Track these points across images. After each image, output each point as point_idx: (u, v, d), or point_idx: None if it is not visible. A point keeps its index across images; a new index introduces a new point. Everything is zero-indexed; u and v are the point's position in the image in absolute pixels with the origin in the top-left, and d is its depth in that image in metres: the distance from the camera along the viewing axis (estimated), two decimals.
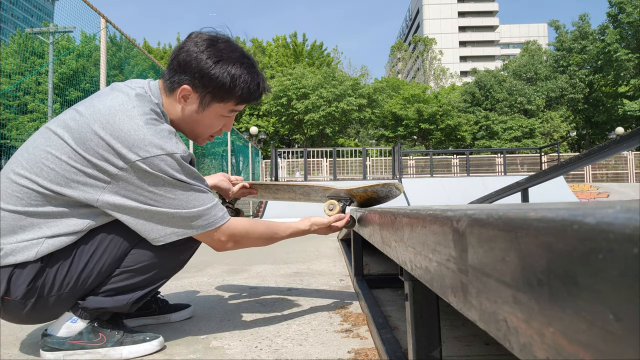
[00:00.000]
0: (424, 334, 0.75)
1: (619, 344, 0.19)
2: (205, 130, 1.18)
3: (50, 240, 0.99)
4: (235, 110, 1.17)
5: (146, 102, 1.05)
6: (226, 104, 1.13)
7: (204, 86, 1.09)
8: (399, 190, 1.47)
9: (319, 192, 1.49)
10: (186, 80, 1.09)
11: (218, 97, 1.11)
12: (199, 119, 1.14)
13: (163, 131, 1.01)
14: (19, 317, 1.05)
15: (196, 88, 1.10)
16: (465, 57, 62.93)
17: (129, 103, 1.02)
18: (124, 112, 1.00)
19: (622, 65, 24.23)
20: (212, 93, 1.10)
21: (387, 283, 1.85)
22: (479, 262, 0.35)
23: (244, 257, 3.08)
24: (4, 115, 9.13)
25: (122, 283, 1.07)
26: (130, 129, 0.98)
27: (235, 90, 1.11)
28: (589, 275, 0.21)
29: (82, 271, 1.02)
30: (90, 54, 7.87)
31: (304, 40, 29.74)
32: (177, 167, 1.00)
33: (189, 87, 1.09)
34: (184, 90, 1.10)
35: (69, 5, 5.60)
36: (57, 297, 1.02)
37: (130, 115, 0.99)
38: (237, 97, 1.13)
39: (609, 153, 2.25)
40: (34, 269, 0.99)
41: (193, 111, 1.13)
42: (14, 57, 10.45)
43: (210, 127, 1.18)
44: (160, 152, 0.98)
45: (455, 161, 18.15)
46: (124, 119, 0.98)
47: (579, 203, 0.39)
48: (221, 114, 1.16)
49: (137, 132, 0.98)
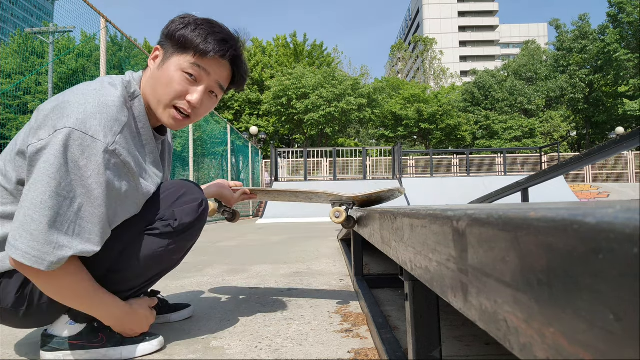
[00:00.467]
0: (424, 334, 0.75)
1: (619, 344, 0.19)
2: (165, 89, 1.05)
3: None
4: (197, 64, 1.05)
5: (115, 81, 1.03)
6: (185, 55, 1.05)
7: (169, 40, 1.07)
8: (400, 193, 1.48)
9: (322, 197, 1.50)
10: (158, 43, 1.09)
11: (176, 47, 1.06)
12: (159, 74, 1.06)
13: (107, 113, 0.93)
14: (16, 323, 1.06)
15: (163, 46, 1.08)
16: (465, 57, 62.93)
17: (94, 84, 1.00)
18: (80, 89, 0.97)
19: (622, 65, 24.24)
20: (171, 43, 1.07)
21: (387, 283, 1.85)
22: (479, 262, 0.35)
23: (244, 257, 3.08)
24: (4, 115, 9.13)
25: (111, 287, 1.05)
26: (75, 104, 0.92)
27: (191, 37, 1.04)
28: (589, 275, 0.21)
29: None
30: (91, 53, 7.87)
31: (305, 40, 29.75)
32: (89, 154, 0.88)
33: (158, 46, 1.09)
34: (155, 50, 1.09)
35: (69, 5, 5.60)
36: (49, 303, 1.01)
37: (84, 93, 0.95)
38: (194, 45, 1.04)
39: (609, 153, 2.25)
40: (21, 277, 0.98)
41: (156, 67, 1.08)
42: (14, 56, 10.45)
43: (170, 84, 1.05)
44: (84, 129, 0.89)
45: (455, 161, 18.15)
46: (78, 97, 0.94)
47: (579, 203, 0.39)
48: (182, 68, 1.05)
49: (79, 107, 0.91)
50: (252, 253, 3.30)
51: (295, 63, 27.98)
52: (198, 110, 1.10)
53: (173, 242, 1.10)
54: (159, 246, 1.08)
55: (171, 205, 1.10)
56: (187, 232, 1.12)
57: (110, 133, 0.92)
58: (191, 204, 1.12)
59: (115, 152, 0.93)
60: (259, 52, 28.09)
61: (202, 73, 1.06)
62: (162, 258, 1.10)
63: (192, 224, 1.12)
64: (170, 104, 1.07)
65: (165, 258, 1.11)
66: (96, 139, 0.90)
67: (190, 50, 1.05)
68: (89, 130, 0.89)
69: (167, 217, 1.09)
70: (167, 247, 1.09)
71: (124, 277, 1.07)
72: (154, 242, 1.08)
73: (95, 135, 0.90)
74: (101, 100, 0.95)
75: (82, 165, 0.89)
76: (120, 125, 0.95)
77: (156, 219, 1.08)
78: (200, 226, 1.17)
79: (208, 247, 3.81)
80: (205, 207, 1.16)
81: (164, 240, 1.09)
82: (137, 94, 1.06)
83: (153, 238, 1.08)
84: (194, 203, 1.12)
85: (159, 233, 1.08)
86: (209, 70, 1.07)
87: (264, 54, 28.43)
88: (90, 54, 7.87)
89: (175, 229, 1.09)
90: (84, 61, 8.33)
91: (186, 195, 1.12)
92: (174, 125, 1.10)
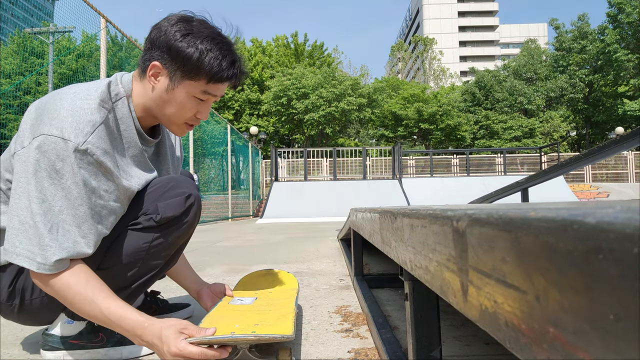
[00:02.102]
0: (424, 334, 0.75)
1: (619, 344, 0.19)
2: (177, 113, 1.07)
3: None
4: (208, 92, 1.06)
5: (91, 86, 1.02)
6: (197, 81, 1.04)
7: (172, 60, 1.02)
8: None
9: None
10: (156, 55, 1.03)
11: (188, 73, 1.03)
12: (169, 98, 1.05)
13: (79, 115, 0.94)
14: (15, 318, 1.07)
15: (165, 63, 1.03)
16: (465, 57, 62.95)
17: (68, 89, 1.00)
18: (57, 93, 0.98)
19: (621, 66, 24.24)
20: (181, 69, 1.03)
21: (387, 283, 1.85)
22: (479, 261, 0.35)
23: (244, 257, 3.08)
24: (4, 115, 9.13)
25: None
26: (50, 109, 0.94)
27: (204, 65, 1.02)
28: (589, 275, 0.21)
29: None
30: (91, 53, 7.87)
31: (305, 40, 29.76)
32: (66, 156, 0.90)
33: (158, 63, 1.03)
34: (154, 67, 1.04)
35: (69, 5, 5.60)
36: (41, 299, 1.01)
37: (60, 97, 0.96)
38: (207, 74, 1.03)
39: (609, 153, 2.25)
40: (13, 271, 1.00)
41: (163, 90, 1.05)
42: (14, 57, 10.45)
43: (182, 109, 1.07)
44: (56, 133, 0.90)
45: (455, 161, 18.16)
46: (55, 101, 0.96)
47: (579, 203, 0.39)
48: (193, 95, 1.05)
49: (52, 113, 0.93)
50: (252, 253, 3.30)
51: (296, 63, 27.99)
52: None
53: (158, 237, 1.07)
54: (144, 241, 1.06)
55: (156, 199, 1.07)
56: (172, 227, 1.09)
57: (82, 133, 0.93)
58: (176, 198, 1.09)
59: (87, 151, 0.93)
60: (259, 52, 28.10)
61: (211, 96, 1.08)
62: (149, 254, 1.07)
63: (177, 217, 1.09)
64: (182, 123, 1.11)
65: (153, 254, 1.08)
66: (67, 139, 0.91)
67: (202, 77, 1.04)
68: (61, 133, 0.91)
69: (150, 211, 1.06)
70: (151, 242, 1.07)
71: (113, 274, 1.04)
72: (139, 236, 1.06)
73: (66, 137, 0.91)
74: (75, 103, 0.96)
75: (59, 168, 0.90)
76: (94, 126, 0.95)
77: (139, 214, 1.06)
78: (189, 221, 1.12)
79: (208, 247, 3.81)
80: (194, 202, 1.11)
81: (147, 234, 1.06)
82: (120, 96, 1.05)
83: (137, 233, 1.06)
84: (180, 197, 1.09)
85: (141, 227, 1.06)
86: (217, 93, 1.08)
87: (264, 54, 28.44)
88: (90, 54, 7.87)
89: (157, 222, 1.06)
90: (84, 61, 8.33)
91: (173, 189, 1.10)
92: (181, 134, 1.17)
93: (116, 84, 1.06)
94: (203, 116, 1.11)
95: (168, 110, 1.07)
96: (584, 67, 27.10)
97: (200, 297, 1.34)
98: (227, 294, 1.34)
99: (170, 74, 1.03)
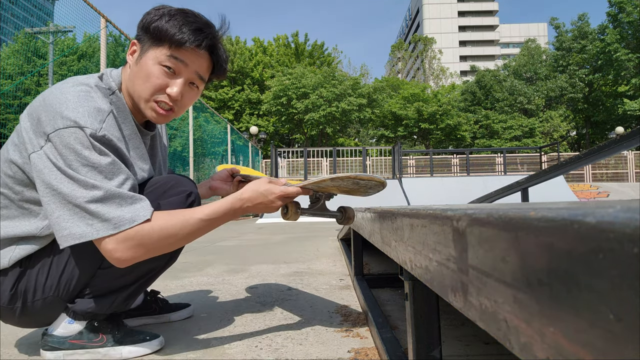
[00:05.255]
0: (424, 334, 0.75)
1: (619, 344, 0.19)
2: (144, 84, 1.04)
3: (20, 245, 1.00)
4: (174, 57, 1.03)
5: (88, 79, 1.02)
6: (161, 48, 1.03)
7: (144, 34, 1.04)
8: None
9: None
10: (135, 37, 1.06)
11: (152, 41, 1.03)
12: (138, 69, 1.04)
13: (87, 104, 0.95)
14: (15, 321, 1.07)
15: (140, 39, 1.05)
16: (465, 56, 62.92)
17: (66, 83, 1.00)
18: (57, 88, 0.97)
19: (621, 65, 24.22)
20: (148, 38, 1.04)
21: (387, 282, 1.85)
22: (479, 261, 0.35)
23: (244, 256, 3.08)
24: (4, 115, 9.13)
25: (105, 284, 1.05)
26: (56, 103, 0.94)
27: (165, 29, 1.02)
28: (589, 275, 0.21)
29: (62, 274, 1.02)
30: (93, 54, 7.87)
31: (306, 40, 29.76)
32: (87, 142, 0.91)
33: (135, 40, 1.06)
34: (132, 45, 1.06)
35: (69, 5, 5.60)
36: (43, 300, 1.02)
37: (62, 91, 0.96)
38: (169, 37, 1.02)
39: (609, 153, 2.25)
40: (15, 275, 1.00)
41: (134, 63, 1.06)
42: (15, 57, 10.45)
43: (149, 78, 1.03)
44: (71, 124, 0.91)
45: (455, 161, 18.15)
46: (56, 95, 0.95)
47: (579, 202, 0.39)
48: (159, 61, 1.03)
49: (59, 106, 0.93)
50: (252, 253, 3.30)
51: (296, 63, 27.98)
52: (180, 102, 1.09)
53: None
54: None
55: (157, 198, 1.07)
56: None
57: (96, 121, 0.94)
58: (178, 196, 1.08)
59: (105, 137, 0.94)
60: (260, 51, 28.11)
61: (180, 65, 1.04)
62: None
63: None
64: (150, 98, 1.05)
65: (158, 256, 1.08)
66: (84, 127, 0.91)
67: (165, 42, 1.02)
68: (77, 123, 0.91)
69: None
70: None
71: (114, 273, 1.05)
72: None
73: (82, 124, 0.91)
74: (80, 95, 0.96)
75: (87, 154, 0.91)
76: (104, 114, 0.97)
77: None
78: None
79: (208, 247, 3.81)
80: (194, 199, 1.12)
81: None
82: (113, 89, 1.05)
83: None
84: (181, 195, 1.09)
85: None
86: (186, 62, 1.05)
87: (265, 54, 28.44)
88: (92, 54, 7.86)
89: None
90: (85, 62, 8.33)
91: (174, 188, 1.10)
92: (158, 119, 1.09)
93: (107, 77, 1.06)
94: (173, 91, 1.04)
95: (137, 84, 1.05)
96: (584, 66, 27.09)
97: (215, 189, 1.36)
98: (235, 170, 1.38)
99: (141, 47, 1.05)
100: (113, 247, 0.92)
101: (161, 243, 0.96)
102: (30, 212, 1.00)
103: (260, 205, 1.05)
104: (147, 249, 0.95)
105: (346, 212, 1.22)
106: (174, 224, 0.97)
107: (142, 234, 0.93)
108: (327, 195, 1.19)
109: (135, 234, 0.93)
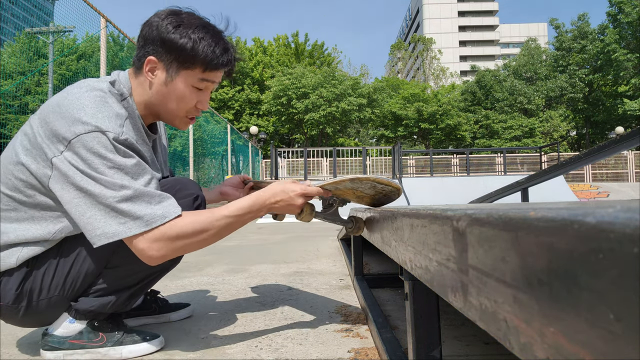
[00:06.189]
0: (424, 334, 0.75)
1: (619, 343, 0.19)
2: (178, 105, 1.09)
3: (28, 246, 1.00)
4: (206, 79, 1.08)
5: (101, 84, 1.03)
6: (193, 70, 1.06)
7: (167, 52, 1.04)
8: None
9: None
10: (150, 51, 1.05)
11: (183, 63, 1.05)
12: (168, 91, 1.07)
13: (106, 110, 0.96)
14: (17, 321, 1.07)
15: (160, 56, 1.05)
16: (465, 56, 62.91)
17: (79, 88, 1.00)
18: (71, 93, 0.98)
19: (621, 65, 24.21)
20: (177, 60, 1.04)
21: (387, 282, 1.85)
22: (479, 261, 0.35)
23: (244, 256, 3.08)
24: (4, 115, 9.13)
25: (109, 284, 1.06)
26: (73, 108, 0.94)
27: (199, 54, 1.04)
28: (589, 275, 0.21)
29: (68, 273, 1.02)
30: (93, 54, 7.87)
31: (306, 40, 29.75)
32: (110, 146, 0.92)
33: (154, 57, 1.05)
34: (150, 62, 1.05)
35: (69, 5, 5.60)
36: (48, 300, 1.02)
37: (78, 96, 0.97)
38: (203, 62, 1.04)
39: (609, 153, 2.25)
40: (21, 274, 1.01)
41: (161, 84, 1.07)
42: (16, 56, 10.45)
43: (183, 100, 1.08)
44: (92, 128, 0.92)
45: (455, 161, 18.16)
46: (72, 100, 0.96)
47: (579, 202, 0.39)
48: (191, 84, 1.07)
49: (78, 112, 0.93)
50: (252, 253, 3.30)
51: (296, 63, 27.98)
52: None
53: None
54: None
55: None
56: None
57: (116, 125, 0.96)
58: (185, 199, 1.10)
59: (127, 140, 0.96)
60: (260, 51, 28.10)
61: (209, 83, 1.11)
62: None
63: None
64: (185, 115, 1.13)
65: None
66: (106, 131, 0.93)
67: (198, 65, 1.06)
68: (98, 127, 0.92)
69: None
70: None
71: (119, 273, 1.06)
72: None
73: (104, 129, 0.93)
74: (96, 99, 0.97)
75: (111, 157, 0.92)
76: (123, 119, 0.99)
77: None
78: None
79: (208, 247, 3.81)
80: (200, 203, 1.14)
81: None
82: (125, 95, 1.06)
83: None
84: (188, 198, 1.11)
85: None
86: (214, 80, 1.11)
87: (265, 54, 28.44)
88: (92, 54, 7.86)
89: None
90: (85, 62, 8.33)
91: (181, 191, 1.11)
92: (185, 127, 1.18)
93: (119, 83, 1.07)
94: (203, 105, 1.13)
95: (170, 104, 1.09)
96: (584, 66, 27.09)
97: (225, 194, 1.38)
98: (246, 177, 1.42)
99: (166, 67, 1.05)
100: (147, 245, 0.93)
101: (194, 239, 0.97)
102: (42, 216, 1.00)
103: (282, 202, 1.07)
104: (180, 246, 0.96)
105: (357, 222, 1.23)
106: (204, 220, 0.98)
107: (176, 229, 0.95)
108: (341, 200, 1.20)
109: (169, 230, 0.94)
